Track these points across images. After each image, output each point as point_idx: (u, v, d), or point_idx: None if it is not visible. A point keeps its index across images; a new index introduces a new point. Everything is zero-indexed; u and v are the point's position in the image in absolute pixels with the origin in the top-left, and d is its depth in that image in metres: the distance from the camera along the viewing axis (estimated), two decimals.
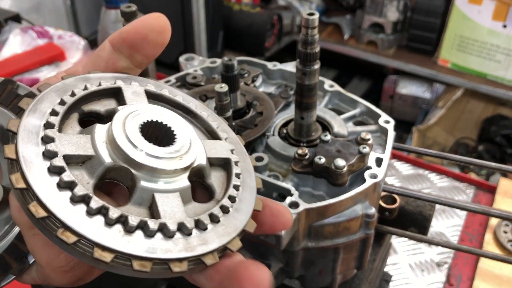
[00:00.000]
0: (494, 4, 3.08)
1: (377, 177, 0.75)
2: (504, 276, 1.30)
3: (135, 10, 0.72)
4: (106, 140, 0.44)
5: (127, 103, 0.48)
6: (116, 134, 0.43)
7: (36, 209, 0.38)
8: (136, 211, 0.43)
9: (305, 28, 0.69)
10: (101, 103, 0.49)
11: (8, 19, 2.27)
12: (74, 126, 0.46)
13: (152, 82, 0.53)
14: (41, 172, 0.40)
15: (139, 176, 0.43)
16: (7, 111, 0.51)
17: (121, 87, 0.49)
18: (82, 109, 0.47)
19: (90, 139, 0.43)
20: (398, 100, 3.70)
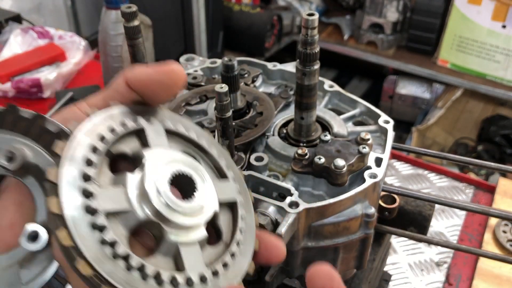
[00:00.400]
0: (493, 5, 3.09)
1: (377, 177, 0.76)
2: (503, 275, 1.31)
3: (136, 11, 0.73)
4: (138, 193, 0.47)
5: (150, 144, 0.51)
6: (150, 191, 0.47)
7: (84, 268, 0.42)
8: (163, 261, 0.48)
9: (305, 28, 0.69)
10: (126, 143, 0.52)
11: (8, 20, 2.27)
12: (106, 173, 0.49)
13: (168, 116, 0.56)
14: (85, 229, 0.43)
15: (167, 230, 0.47)
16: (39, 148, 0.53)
17: (144, 127, 0.52)
18: (111, 152, 0.50)
19: (124, 193, 0.47)
20: (397, 100, 3.71)
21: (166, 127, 0.54)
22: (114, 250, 0.44)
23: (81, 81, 2.12)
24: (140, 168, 0.49)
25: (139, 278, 0.44)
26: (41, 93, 2.00)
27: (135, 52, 0.78)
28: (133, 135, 0.53)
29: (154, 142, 0.52)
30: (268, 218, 0.69)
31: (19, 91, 1.97)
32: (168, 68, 0.52)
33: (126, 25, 0.74)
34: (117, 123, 0.51)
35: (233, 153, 0.76)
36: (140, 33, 0.75)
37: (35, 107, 1.98)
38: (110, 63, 1.83)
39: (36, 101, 2.00)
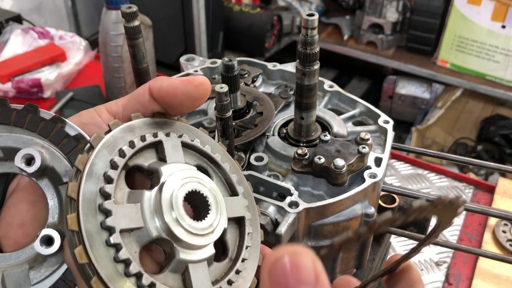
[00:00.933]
0: (493, 5, 3.09)
1: (377, 176, 0.76)
2: (503, 275, 1.31)
3: (136, 11, 0.73)
4: (153, 210, 0.48)
5: (167, 158, 0.53)
6: (165, 210, 0.48)
7: (97, 285, 0.44)
8: (172, 278, 0.50)
9: (305, 28, 0.70)
10: (143, 155, 0.53)
11: (9, 20, 2.27)
12: (123, 187, 0.50)
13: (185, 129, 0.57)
14: (101, 246, 0.45)
15: (178, 249, 0.49)
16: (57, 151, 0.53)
17: (162, 141, 0.53)
18: (128, 165, 0.51)
19: (139, 210, 0.48)
20: (397, 100, 3.71)
21: (183, 140, 0.55)
22: (127, 269, 0.45)
23: (82, 81, 2.12)
24: (157, 184, 0.50)
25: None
26: (42, 93, 2.00)
27: (135, 52, 0.78)
28: (151, 147, 0.54)
29: (171, 158, 0.53)
30: (268, 218, 0.70)
31: (19, 91, 1.98)
32: (195, 80, 0.53)
33: (126, 25, 0.74)
34: (136, 136, 0.52)
35: (233, 153, 0.76)
36: (140, 33, 0.76)
37: None
38: (110, 63, 1.84)
39: (37, 101, 2.01)
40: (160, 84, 0.53)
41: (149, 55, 0.81)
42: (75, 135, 0.54)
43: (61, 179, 0.53)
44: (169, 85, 0.53)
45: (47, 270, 0.51)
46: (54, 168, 0.52)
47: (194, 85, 0.53)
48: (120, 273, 0.45)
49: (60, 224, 0.52)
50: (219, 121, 0.68)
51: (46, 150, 0.52)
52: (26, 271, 0.50)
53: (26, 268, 0.50)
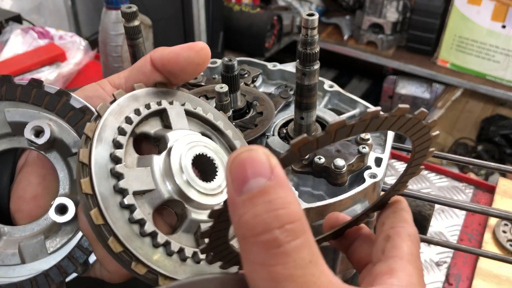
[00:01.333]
0: (493, 5, 3.09)
1: (377, 176, 0.76)
2: (503, 275, 1.31)
3: (136, 11, 0.73)
4: (163, 173, 0.50)
5: (172, 125, 0.54)
6: (175, 172, 0.49)
7: (114, 245, 0.45)
8: (185, 238, 0.51)
9: (305, 28, 0.70)
10: (149, 123, 0.54)
11: (9, 20, 2.27)
12: (132, 153, 0.51)
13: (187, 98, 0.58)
14: (115, 208, 0.46)
15: (190, 209, 0.50)
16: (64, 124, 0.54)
17: (166, 109, 0.54)
18: (135, 132, 0.52)
19: (150, 173, 0.49)
20: (397, 100, 3.71)
21: (186, 108, 0.57)
22: (143, 229, 0.46)
23: (82, 81, 2.12)
24: (164, 150, 0.51)
25: (164, 254, 0.47)
26: None
27: (135, 52, 0.78)
28: (156, 115, 0.55)
29: (176, 124, 0.54)
30: None
31: None
32: (196, 46, 0.54)
33: (126, 25, 0.74)
34: (141, 104, 0.53)
35: None
36: (140, 33, 0.76)
37: None
38: (110, 63, 1.84)
39: None
40: (162, 52, 0.54)
41: None
42: (81, 107, 0.54)
43: (70, 150, 0.54)
44: (171, 52, 0.54)
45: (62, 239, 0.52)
46: (62, 139, 0.53)
47: (195, 51, 0.53)
48: (135, 233, 0.46)
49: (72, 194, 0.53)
50: None
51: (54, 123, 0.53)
52: (42, 241, 0.51)
53: (42, 238, 0.51)
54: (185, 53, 0.54)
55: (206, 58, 0.54)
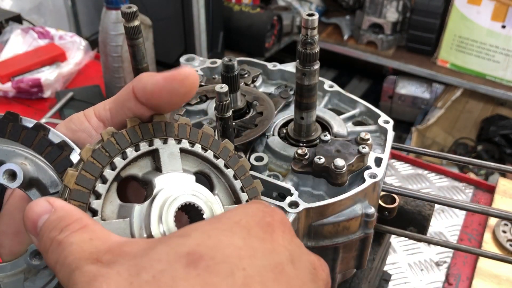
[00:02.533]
0: (493, 5, 3.09)
1: (377, 176, 0.76)
2: (503, 275, 1.31)
3: (136, 11, 0.73)
4: (142, 225, 0.46)
5: (163, 168, 0.50)
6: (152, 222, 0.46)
7: None
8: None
9: (305, 28, 0.70)
10: (138, 164, 0.51)
11: (9, 20, 2.27)
12: (113, 200, 0.48)
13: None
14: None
15: None
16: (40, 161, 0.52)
17: (158, 149, 0.51)
18: (121, 176, 0.49)
19: (128, 226, 0.46)
20: (397, 100, 3.71)
21: (182, 147, 0.53)
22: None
23: (81, 81, 2.12)
24: (150, 197, 0.48)
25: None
26: (42, 93, 2.00)
27: (135, 52, 0.78)
28: (147, 155, 0.52)
29: (166, 167, 0.51)
30: None
31: (19, 91, 1.98)
32: (179, 74, 0.48)
33: (126, 25, 0.74)
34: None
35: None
36: (140, 33, 0.76)
37: (35, 107, 1.98)
38: (110, 63, 1.84)
39: (37, 101, 2.01)
40: (144, 85, 0.50)
41: (149, 55, 0.81)
42: (59, 143, 0.52)
43: (47, 190, 0.51)
44: (153, 85, 0.49)
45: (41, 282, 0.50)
46: (39, 179, 0.51)
47: (179, 80, 0.48)
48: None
49: None
50: (219, 121, 0.68)
51: (30, 161, 0.51)
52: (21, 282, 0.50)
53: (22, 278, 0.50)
54: (168, 85, 0.48)
55: (192, 86, 0.49)
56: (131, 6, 0.72)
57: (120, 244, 0.39)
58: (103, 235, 0.41)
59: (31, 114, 1.93)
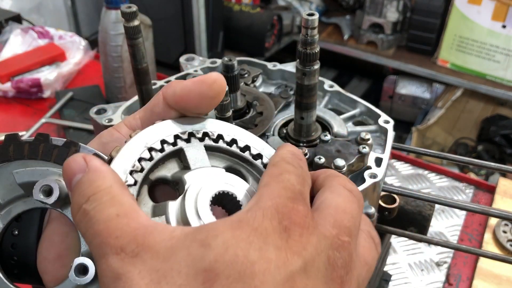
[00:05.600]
0: (493, 5, 3.09)
1: (377, 177, 0.76)
2: (503, 275, 1.31)
3: (136, 11, 0.73)
4: (180, 220, 0.46)
5: (191, 165, 0.51)
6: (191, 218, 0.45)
7: None
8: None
9: (305, 28, 0.70)
10: (166, 167, 0.51)
11: (8, 20, 2.27)
12: (147, 202, 0.48)
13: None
14: None
15: None
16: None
17: (183, 148, 0.51)
18: (150, 179, 0.50)
19: (165, 223, 0.46)
20: (397, 100, 3.71)
21: (206, 144, 0.53)
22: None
23: (81, 81, 2.12)
24: (181, 194, 0.47)
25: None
26: (41, 93, 2.00)
27: (135, 52, 0.78)
28: (173, 156, 0.52)
29: (194, 164, 0.51)
30: None
31: (19, 91, 1.97)
32: (208, 78, 0.51)
33: (126, 25, 0.74)
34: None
35: None
36: (140, 33, 0.75)
37: (35, 107, 1.98)
38: (110, 63, 1.84)
39: (36, 101, 2.01)
40: (173, 90, 0.52)
41: (149, 55, 0.81)
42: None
43: None
44: (183, 89, 0.51)
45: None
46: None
47: (207, 84, 0.51)
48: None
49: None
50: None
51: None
52: None
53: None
54: (197, 88, 0.51)
55: (220, 91, 0.51)
56: (131, 6, 0.72)
57: (145, 230, 0.39)
58: (131, 211, 0.40)
59: (31, 114, 1.93)
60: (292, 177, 0.45)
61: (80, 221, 0.41)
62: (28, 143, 0.52)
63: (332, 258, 0.42)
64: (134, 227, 0.39)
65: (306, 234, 0.41)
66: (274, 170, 0.47)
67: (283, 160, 0.48)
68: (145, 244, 0.39)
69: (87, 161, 0.43)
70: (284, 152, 0.50)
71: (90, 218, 0.40)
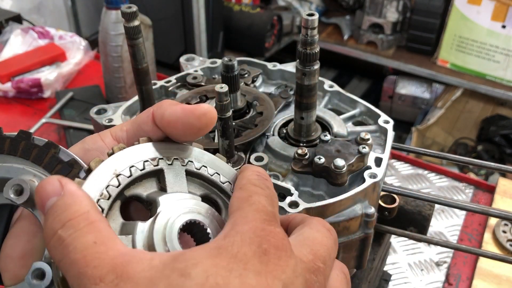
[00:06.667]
0: (493, 5, 3.09)
1: (377, 176, 0.76)
2: (503, 275, 1.31)
3: (136, 11, 0.73)
4: (145, 243, 0.45)
5: (168, 188, 0.50)
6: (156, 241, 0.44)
7: None
8: None
9: (305, 28, 0.70)
10: (143, 185, 0.51)
11: (9, 20, 2.27)
12: (116, 218, 0.47)
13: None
14: None
15: None
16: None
17: (163, 169, 0.51)
18: (125, 195, 0.49)
19: (130, 242, 0.45)
20: (397, 100, 3.71)
21: (187, 169, 0.52)
22: None
23: (81, 81, 2.12)
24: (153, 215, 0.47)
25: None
26: (41, 93, 2.00)
27: (135, 52, 0.78)
28: (153, 176, 0.51)
29: (172, 187, 0.50)
30: None
31: (19, 91, 1.98)
32: (197, 110, 0.50)
33: (126, 25, 0.74)
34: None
35: (233, 153, 0.76)
36: (140, 33, 0.76)
37: (35, 107, 1.98)
38: (110, 63, 1.84)
39: (36, 101, 2.01)
40: (162, 113, 0.51)
41: (149, 55, 0.81)
42: (69, 161, 0.52)
43: None
44: (171, 115, 0.51)
45: None
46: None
47: (196, 116, 0.50)
48: None
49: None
50: (219, 121, 0.68)
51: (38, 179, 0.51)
52: None
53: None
54: (185, 118, 0.50)
55: (208, 124, 0.51)
56: (131, 6, 0.72)
57: (123, 259, 0.38)
58: (108, 238, 0.40)
59: (31, 114, 1.93)
60: (262, 199, 0.46)
61: (55, 248, 0.40)
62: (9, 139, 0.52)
63: (309, 281, 0.43)
64: (112, 256, 0.38)
65: (284, 257, 0.41)
66: (242, 193, 0.47)
67: (249, 183, 0.48)
68: (124, 275, 0.38)
69: (63, 184, 0.42)
70: (249, 173, 0.50)
71: (66, 246, 0.39)
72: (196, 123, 0.50)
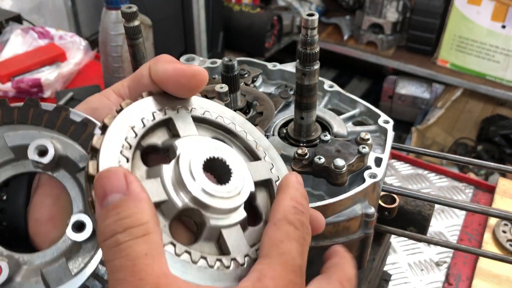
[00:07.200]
0: (493, 5, 3.09)
1: (377, 177, 0.76)
2: (503, 275, 1.31)
3: (136, 11, 0.73)
4: (174, 182, 0.47)
5: (180, 133, 0.52)
6: (186, 179, 0.47)
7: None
8: (207, 247, 0.49)
9: (305, 28, 0.70)
10: (156, 134, 0.53)
11: (9, 20, 2.27)
12: (140, 166, 0.49)
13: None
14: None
15: (208, 216, 0.48)
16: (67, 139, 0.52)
17: (172, 118, 0.53)
18: (142, 145, 0.51)
19: (160, 183, 0.47)
20: (397, 100, 3.71)
21: (193, 115, 0.55)
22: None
23: (81, 81, 2.12)
24: (174, 158, 0.49)
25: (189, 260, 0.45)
26: (42, 93, 2.00)
27: (135, 52, 0.78)
28: (163, 126, 0.53)
29: (183, 132, 0.53)
30: None
31: (19, 91, 1.98)
32: (187, 70, 0.52)
33: (126, 25, 0.74)
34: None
35: None
36: (140, 33, 0.76)
37: None
38: (110, 63, 1.84)
39: None
40: (157, 69, 0.53)
41: (149, 55, 0.81)
42: (82, 120, 0.53)
43: (77, 166, 0.52)
44: (164, 72, 0.53)
45: (84, 258, 0.50)
46: (68, 156, 0.52)
47: (186, 77, 0.52)
48: None
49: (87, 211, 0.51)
50: None
51: (57, 140, 0.51)
52: (64, 264, 0.50)
53: (64, 261, 0.50)
54: (176, 77, 0.52)
55: (198, 84, 0.53)
56: (131, 6, 0.72)
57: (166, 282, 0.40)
58: (157, 252, 0.41)
59: None
60: (293, 248, 0.47)
61: (109, 248, 0.41)
62: (17, 108, 0.52)
63: None
64: (157, 274, 0.40)
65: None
66: (275, 234, 0.48)
67: (284, 219, 0.49)
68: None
69: (128, 182, 0.42)
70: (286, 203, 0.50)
71: (121, 250, 0.40)
72: (186, 84, 0.52)
